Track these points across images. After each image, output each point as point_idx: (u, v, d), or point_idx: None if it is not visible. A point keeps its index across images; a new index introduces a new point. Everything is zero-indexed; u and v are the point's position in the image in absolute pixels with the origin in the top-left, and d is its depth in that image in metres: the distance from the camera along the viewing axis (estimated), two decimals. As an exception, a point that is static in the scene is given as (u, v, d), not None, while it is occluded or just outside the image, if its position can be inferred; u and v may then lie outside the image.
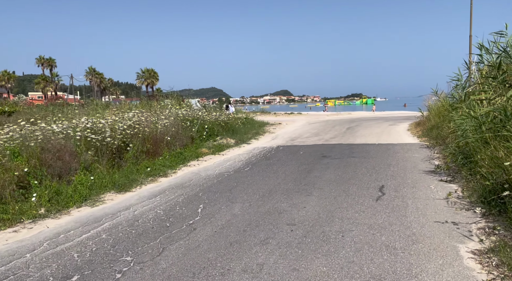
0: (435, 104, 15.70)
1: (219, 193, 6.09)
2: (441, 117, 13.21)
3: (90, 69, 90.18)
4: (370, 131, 15.55)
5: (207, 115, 16.25)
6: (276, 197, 5.65)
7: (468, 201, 5.05)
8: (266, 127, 20.41)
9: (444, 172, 6.96)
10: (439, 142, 10.33)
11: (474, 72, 10.85)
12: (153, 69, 78.49)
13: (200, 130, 13.68)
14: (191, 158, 10.01)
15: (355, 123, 21.46)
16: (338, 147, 11.09)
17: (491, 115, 5.70)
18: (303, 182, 6.60)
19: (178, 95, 32.06)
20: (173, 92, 34.53)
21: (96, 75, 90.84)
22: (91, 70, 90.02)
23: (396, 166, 7.82)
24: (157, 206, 5.42)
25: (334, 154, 9.81)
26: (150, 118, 11.91)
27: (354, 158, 9.03)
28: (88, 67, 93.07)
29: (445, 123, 11.68)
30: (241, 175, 7.51)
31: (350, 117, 30.40)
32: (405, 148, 10.41)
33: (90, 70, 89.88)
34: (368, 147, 10.92)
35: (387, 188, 5.99)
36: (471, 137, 6.03)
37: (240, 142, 13.51)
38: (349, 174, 7.18)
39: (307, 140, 13.35)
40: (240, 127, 18.55)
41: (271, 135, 15.92)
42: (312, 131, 16.74)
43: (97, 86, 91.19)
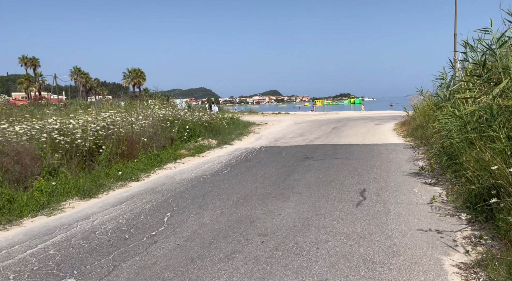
0: (420, 103, 15.56)
1: (191, 199, 5.67)
2: (426, 117, 13.03)
3: (75, 69, 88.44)
4: (355, 131, 15.31)
5: (189, 115, 15.80)
6: (251, 203, 5.26)
7: (453, 206, 4.75)
8: (252, 127, 20.04)
9: (428, 174, 6.68)
10: (424, 142, 10.10)
11: (459, 70, 10.68)
12: (140, 69, 77.39)
13: (181, 131, 13.22)
14: (168, 160, 9.55)
15: (341, 123, 21.25)
16: (322, 148, 10.77)
17: (476, 115, 5.42)
18: (282, 186, 6.23)
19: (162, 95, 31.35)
20: (159, 92, 33.80)
21: (81, 75, 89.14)
22: (76, 70, 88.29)
23: (379, 167, 7.52)
24: (120, 215, 4.97)
25: (317, 155, 9.47)
26: (127, 119, 11.41)
27: (337, 159, 8.71)
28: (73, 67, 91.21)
29: (430, 123, 11.48)
30: (218, 179, 7.10)
31: (337, 117, 30.25)
32: (389, 148, 10.15)
33: (75, 70, 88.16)
34: (352, 147, 10.63)
35: (369, 191, 5.66)
36: (455, 137, 5.75)
37: (222, 142, 13.09)
38: (330, 176, 6.84)
39: (291, 141, 13.01)
40: (225, 127, 18.14)
41: (255, 136, 15.55)
42: (297, 132, 16.42)
43: (82, 86, 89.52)
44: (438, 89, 13.52)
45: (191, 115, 15.91)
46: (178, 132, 13.01)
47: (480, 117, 5.55)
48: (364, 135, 13.81)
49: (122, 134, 9.93)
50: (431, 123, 9.93)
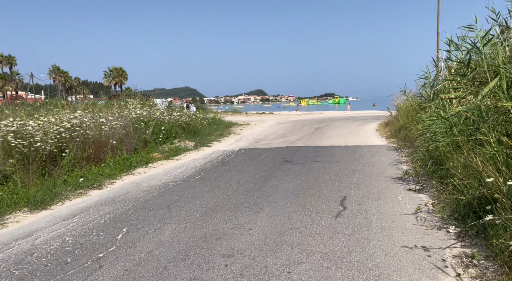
0: (404, 104, 15.33)
1: (154, 210, 5.10)
2: (409, 117, 12.76)
3: (53, 68, 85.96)
4: (338, 132, 14.96)
5: (167, 115, 15.13)
6: (219, 215, 4.73)
7: (439, 217, 4.33)
8: (233, 128, 19.49)
9: (412, 179, 6.29)
10: (408, 143, 9.78)
11: (443, 69, 10.41)
12: (121, 68, 75.77)
13: (156, 132, 12.57)
14: (139, 164, 8.91)
15: (324, 123, 20.93)
16: (303, 150, 10.33)
17: (463, 116, 5.04)
18: (256, 194, 5.72)
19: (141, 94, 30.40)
20: (139, 91, 32.82)
21: (60, 73, 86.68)
22: (55, 68, 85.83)
23: (361, 172, 7.10)
24: (69, 231, 4.36)
25: (297, 158, 9.01)
26: (96, 120, 10.70)
27: (318, 162, 8.27)
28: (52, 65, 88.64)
29: (413, 124, 11.20)
30: (188, 185, 6.53)
31: (321, 117, 30.01)
32: (372, 150, 9.79)
33: (54, 68, 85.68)
34: (334, 149, 10.22)
35: (349, 200, 5.21)
36: (441, 140, 5.36)
37: (200, 144, 12.51)
38: (309, 182, 6.38)
39: (271, 142, 12.53)
40: (205, 128, 17.56)
41: (236, 137, 15.01)
42: (279, 133, 15.97)
43: (61, 85, 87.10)
44: (421, 89, 13.30)
45: (168, 115, 15.25)
46: (153, 134, 12.36)
47: (467, 119, 5.18)
48: (347, 136, 13.46)
49: (90, 137, 9.26)
50: (415, 125, 9.61)
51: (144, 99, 23.34)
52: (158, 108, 17.33)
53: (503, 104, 3.92)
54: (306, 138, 13.12)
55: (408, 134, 10.54)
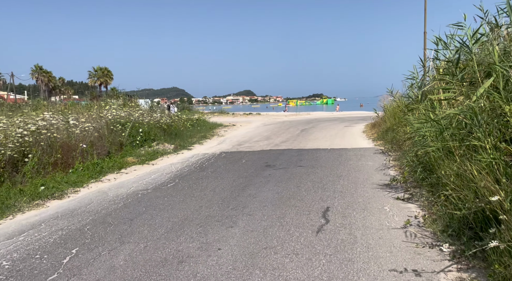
0: (390, 104, 15.04)
1: (115, 225, 4.53)
2: (397, 119, 12.43)
3: (36, 67, 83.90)
4: (324, 134, 14.55)
5: (147, 116, 14.50)
6: (187, 231, 4.20)
7: (431, 232, 3.89)
8: (217, 129, 18.94)
9: (400, 186, 5.87)
10: (395, 146, 9.40)
11: (431, 69, 10.09)
12: (106, 68, 74.27)
13: (134, 134, 11.93)
14: (110, 169, 8.30)
15: (311, 124, 20.54)
16: (287, 153, 9.85)
17: (455, 119, 4.63)
18: (232, 204, 5.20)
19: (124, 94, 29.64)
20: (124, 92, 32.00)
21: (43, 73, 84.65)
22: (37, 68, 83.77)
23: (346, 178, 6.65)
24: (9, 253, 3.77)
25: (280, 162, 8.52)
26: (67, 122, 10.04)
27: (301, 167, 7.80)
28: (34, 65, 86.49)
29: (400, 126, 10.85)
30: (159, 194, 5.98)
31: (308, 118, 29.68)
32: (358, 153, 9.37)
33: (37, 68, 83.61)
34: (319, 152, 9.77)
35: (333, 211, 4.74)
36: (431, 145, 4.93)
37: (180, 147, 11.92)
38: (290, 190, 5.89)
39: (255, 145, 12.02)
40: (188, 129, 17.00)
41: (219, 139, 14.46)
42: (264, 134, 15.48)
43: (44, 86, 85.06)
44: (408, 89, 12.99)
45: (148, 116, 14.61)
46: (129, 136, 11.72)
47: (458, 122, 4.76)
48: (333, 138, 13.05)
49: (58, 140, 8.61)
50: (402, 127, 9.24)
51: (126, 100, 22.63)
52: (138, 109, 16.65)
53: (504, 108, 3.50)
54: (291, 141, 12.66)
55: (395, 137, 10.18)
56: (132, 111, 14.75)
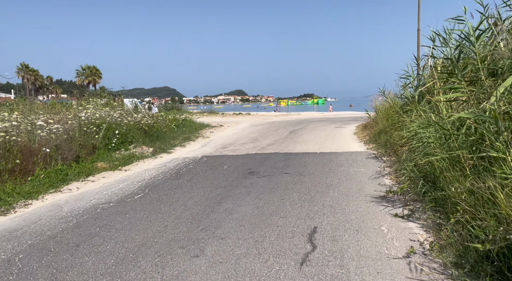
0: (383, 105, 14.41)
1: (54, 253, 3.71)
2: (389, 120, 11.79)
3: (22, 66, 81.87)
4: (314, 136, 13.84)
5: (126, 117, 13.60)
6: (141, 263, 3.41)
7: (441, 264, 3.17)
8: (203, 130, 18.12)
9: (398, 199, 5.16)
10: (389, 150, 8.72)
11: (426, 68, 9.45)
12: (95, 67, 72.71)
13: (110, 136, 11.05)
14: (76, 177, 7.44)
15: (300, 125, 19.84)
16: (273, 158, 9.09)
17: (465, 125, 3.92)
18: (203, 224, 4.42)
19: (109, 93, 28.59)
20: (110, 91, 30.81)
21: (29, 72, 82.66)
22: (23, 66, 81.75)
23: (337, 188, 5.92)
24: None
25: (264, 168, 7.76)
26: (32, 123, 9.15)
27: (288, 175, 7.05)
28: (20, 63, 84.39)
29: (394, 128, 10.19)
30: (121, 210, 5.16)
31: (298, 118, 29.01)
32: (350, 158, 8.66)
33: (22, 66, 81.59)
34: (307, 157, 9.04)
35: (321, 233, 4.00)
36: (437, 155, 4.22)
37: (159, 150, 11.08)
38: (273, 204, 5.13)
39: (240, 148, 11.24)
40: (173, 130, 16.19)
41: (203, 141, 13.65)
42: (251, 136, 14.70)
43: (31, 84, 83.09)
44: (402, 89, 12.36)
45: (128, 117, 13.72)
46: (104, 138, 10.84)
47: (469, 128, 4.06)
48: (323, 141, 12.34)
49: (18, 144, 7.73)
50: (398, 131, 8.55)
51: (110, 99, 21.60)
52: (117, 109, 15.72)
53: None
54: (279, 143, 11.91)
55: (389, 140, 9.51)
56: (111, 111, 13.86)
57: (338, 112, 37.85)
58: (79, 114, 11.66)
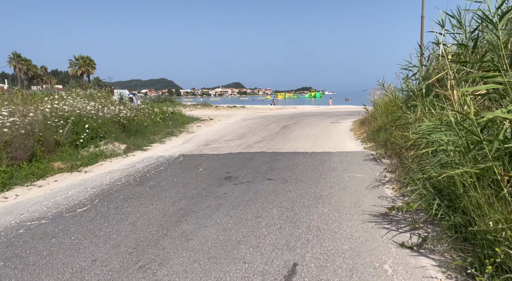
0: (382, 99, 13.31)
1: None
2: (390, 116, 10.69)
3: (14, 55, 80.00)
4: (307, 132, 12.72)
5: (102, 109, 12.41)
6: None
7: None
8: (191, 124, 16.97)
9: (403, 218, 4.08)
10: (389, 151, 7.64)
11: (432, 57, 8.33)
12: (88, 57, 70.95)
13: (79, 131, 9.88)
14: (22, 180, 6.31)
15: (294, 120, 18.71)
16: (258, 158, 7.97)
17: (503, 130, 2.80)
18: (144, 258, 3.31)
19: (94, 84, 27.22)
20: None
21: (21, 61, 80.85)
22: (15, 55, 79.88)
23: (328, 201, 4.82)
24: None
25: (245, 172, 6.65)
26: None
27: (271, 181, 5.94)
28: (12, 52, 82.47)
29: (396, 125, 9.10)
30: (49, 232, 4.04)
31: (293, 112, 27.88)
32: (345, 160, 7.56)
33: (14, 55, 79.72)
34: (297, 157, 7.93)
35: (301, 275, 2.90)
36: (460, 168, 3.11)
37: (133, 147, 9.94)
38: (245, 225, 4.03)
39: (224, 145, 10.12)
40: (158, 124, 15.09)
41: (186, 137, 12.51)
42: (239, 132, 13.56)
43: (23, 74, 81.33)
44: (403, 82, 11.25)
45: (103, 109, 12.53)
46: (72, 133, 9.68)
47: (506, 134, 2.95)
48: (316, 138, 11.23)
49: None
50: (400, 129, 7.45)
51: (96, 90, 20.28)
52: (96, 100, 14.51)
53: None
54: (267, 141, 10.79)
55: (389, 139, 8.42)
56: (84, 103, 12.67)
57: (335, 106, 36.76)
58: (45, 106, 10.47)
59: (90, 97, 16.03)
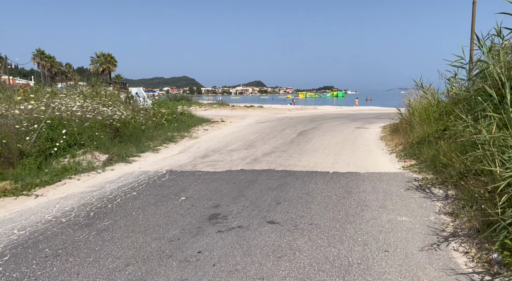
0: (420, 102, 11.13)
1: None
2: (434, 125, 8.57)
3: (37, 51, 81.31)
4: (327, 141, 10.70)
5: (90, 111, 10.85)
6: None
7: None
8: (198, 127, 15.27)
9: None
10: (445, 175, 5.59)
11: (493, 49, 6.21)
12: (110, 54, 70.96)
13: (55, 137, 8.29)
14: None
15: (314, 124, 16.67)
16: (262, 181, 6.08)
17: None
18: None
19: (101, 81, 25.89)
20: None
21: (45, 58, 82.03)
22: (39, 52, 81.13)
23: (362, 276, 2.90)
24: None
25: (241, 206, 4.78)
26: None
27: (273, 226, 4.05)
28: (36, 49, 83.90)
29: (445, 138, 7.04)
30: None
31: (314, 113, 25.77)
32: (380, 187, 5.56)
33: (38, 52, 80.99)
34: (314, 181, 5.98)
35: None
36: None
37: (117, 158, 8.27)
38: None
39: (225, 158, 8.28)
40: (163, 126, 13.60)
41: (186, 144, 10.77)
42: (248, 138, 11.70)
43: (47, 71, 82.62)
44: (451, 81, 9.12)
45: (94, 111, 10.96)
46: (47, 139, 8.09)
47: None
48: (340, 149, 9.22)
49: None
50: (452, 144, 5.39)
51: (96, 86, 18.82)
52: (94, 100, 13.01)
53: None
54: (279, 152, 8.87)
55: (437, 156, 6.37)
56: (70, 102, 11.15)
57: (359, 107, 34.32)
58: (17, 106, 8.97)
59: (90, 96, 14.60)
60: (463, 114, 5.73)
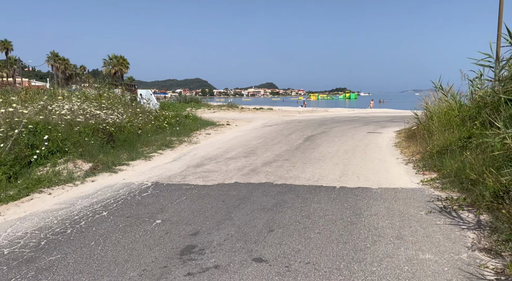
0: (439, 106, 10.10)
1: None
2: (457, 132, 7.55)
3: (52, 54, 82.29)
4: (336, 148, 9.74)
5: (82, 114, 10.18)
6: None
7: None
8: (200, 131, 14.49)
9: None
10: (473, 196, 4.61)
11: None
12: (122, 56, 71.19)
13: (36, 143, 7.59)
14: None
15: (323, 127, 15.70)
16: (256, 199, 5.20)
17: None
18: None
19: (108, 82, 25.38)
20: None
21: (59, 60, 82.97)
22: (53, 54, 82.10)
23: None
24: None
25: (223, 234, 3.91)
26: None
27: (259, 265, 3.16)
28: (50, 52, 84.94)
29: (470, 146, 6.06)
30: None
31: (324, 116, 24.73)
32: (395, 209, 4.61)
33: (52, 54, 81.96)
34: (317, 199, 5.07)
35: None
36: None
37: (102, 167, 7.51)
38: None
39: (221, 168, 7.43)
40: (165, 129, 12.96)
41: (183, 150, 9.98)
42: (251, 144, 10.83)
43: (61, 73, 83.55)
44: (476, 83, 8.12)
45: (86, 114, 10.28)
46: (27, 146, 7.40)
47: None
48: (349, 157, 8.27)
49: None
50: (483, 156, 4.41)
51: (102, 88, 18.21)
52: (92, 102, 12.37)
53: None
54: (281, 161, 7.97)
55: (462, 170, 5.39)
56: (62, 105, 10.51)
57: (372, 110, 33.08)
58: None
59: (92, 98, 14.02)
60: (496, 122, 4.74)
